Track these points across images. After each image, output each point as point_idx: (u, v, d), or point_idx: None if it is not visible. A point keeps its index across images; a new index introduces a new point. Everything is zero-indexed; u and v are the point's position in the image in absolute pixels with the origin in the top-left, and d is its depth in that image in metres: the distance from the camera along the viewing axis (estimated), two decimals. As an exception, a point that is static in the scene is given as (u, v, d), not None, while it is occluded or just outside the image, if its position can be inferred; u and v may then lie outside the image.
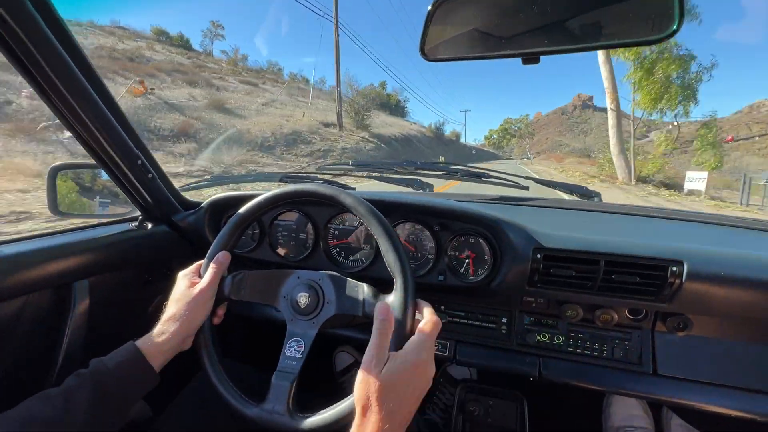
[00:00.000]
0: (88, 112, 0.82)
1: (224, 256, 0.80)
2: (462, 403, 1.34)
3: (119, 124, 0.91)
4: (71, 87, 0.77)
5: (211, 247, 0.82)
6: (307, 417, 0.68)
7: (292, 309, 0.77)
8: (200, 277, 0.79)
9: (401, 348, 0.63)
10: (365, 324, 0.71)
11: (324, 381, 1.65)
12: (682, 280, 0.84)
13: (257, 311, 1.23)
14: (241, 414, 0.72)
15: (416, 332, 0.65)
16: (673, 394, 0.95)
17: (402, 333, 0.65)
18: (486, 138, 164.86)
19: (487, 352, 1.09)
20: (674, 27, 0.49)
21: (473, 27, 0.64)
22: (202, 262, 0.81)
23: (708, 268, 0.83)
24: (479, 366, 1.08)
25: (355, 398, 0.61)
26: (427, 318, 0.67)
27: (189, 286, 0.76)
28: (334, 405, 0.67)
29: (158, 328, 0.72)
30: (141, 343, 0.70)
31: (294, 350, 0.75)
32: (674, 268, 0.84)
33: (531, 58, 0.62)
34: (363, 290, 0.74)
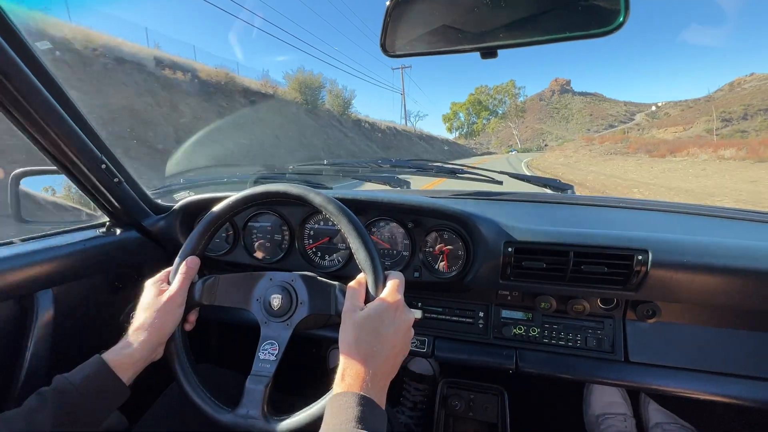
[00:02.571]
0: (43, 115, 0.79)
1: (193, 261, 0.79)
2: (444, 399, 1.35)
3: (79, 127, 0.88)
4: (23, 88, 0.74)
5: (181, 250, 0.80)
6: (282, 419, 0.67)
7: (266, 311, 0.76)
8: (169, 283, 0.77)
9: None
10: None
11: (318, 380, 1.65)
12: (647, 268, 0.86)
13: (232, 315, 1.21)
14: (215, 420, 0.71)
15: (387, 281, 0.69)
16: (645, 380, 0.97)
17: (374, 288, 0.68)
18: (446, 119, 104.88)
19: (465, 347, 1.10)
20: (621, 20, 0.50)
21: (431, 22, 0.64)
22: (171, 268, 0.79)
23: (671, 256, 0.85)
24: (458, 361, 1.09)
25: (340, 350, 0.62)
26: (394, 273, 0.72)
27: (157, 294, 0.74)
28: (310, 405, 0.67)
29: (125, 339, 0.70)
30: (108, 355, 0.67)
31: (268, 353, 0.74)
32: (639, 257, 0.86)
33: (489, 53, 0.62)
34: (335, 289, 0.74)
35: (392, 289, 0.67)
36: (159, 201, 1.23)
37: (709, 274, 0.85)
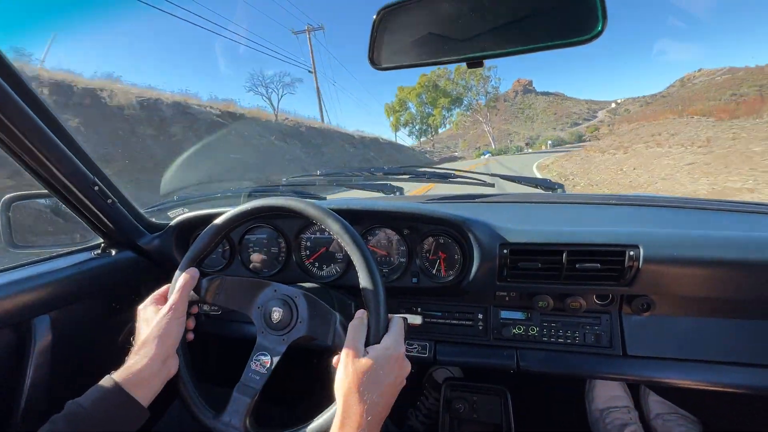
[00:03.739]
0: (33, 139, 0.79)
1: (190, 270, 0.79)
2: (448, 402, 1.36)
3: (70, 150, 0.88)
4: (11, 113, 0.73)
5: (185, 257, 0.80)
6: None
7: (265, 322, 0.77)
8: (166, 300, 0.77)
9: (377, 343, 0.66)
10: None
11: (312, 393, 1.64)
12: (639, 263, 0.87)
13: (230, 329, 1.21)
14: (198, 420, 0.72)
15: (390, 328, 0.69)
16: (643, 372, 0.99)
17: (377, 331, 0.67)
18: (390, 110, 73.84)
19: (466, 350, 1.11)
20: (599, 28, 0.52)
21: (417, 35, 0.66)
22: (165, 287, 0.80)
23: (662, 251, 0.87)
24: (459, 364, 1.10)
25: (336, 393, 0.62)
26: (396, 318, 0.72)
27: (156, 310, 0.74)
28: (296, 429, 0.68)
29: (132, 357, 0.69)
30: (118, 375, 0.66)
31: (260, 365, 0.74)
32: (631, 253, 0.87)
33: (475, 63, 0.64)
34: (336, 319, 0.74)
35: (395, 337, 0.67)
36: (153, 219, 1.23)
37: (700, 266, 0.87)
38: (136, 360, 0.68)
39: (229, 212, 0.80)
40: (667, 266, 0.88)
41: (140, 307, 0.77)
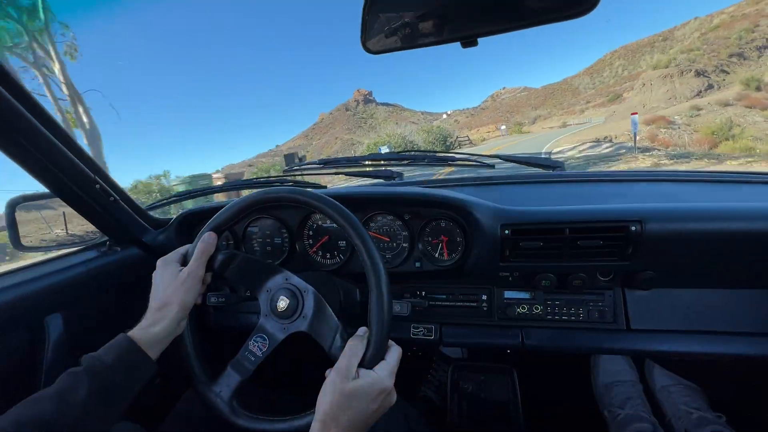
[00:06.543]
0: (32, 141, 0.79)
1: (210, 236, 0.79)
2: (455, 383, 1.39)
3: (69, 150, 0.88)
4: (8, 116, 0.73)
5: (208, 223, 0.81)
6: (249, 416, 0.71)
7: (270, 307, 0.78)
8: (186, 261, 0.78)
9: (371, 369, 0.66)
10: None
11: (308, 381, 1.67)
12: (642, 238, 0.88)
13: (236, 321, 1.22)
14: (193, 382, 0.75)
15: (386, 356, 0.68)
16: (647, 345, 1.00)
17: (374, 355, 0.67)
18: None
19: (471, 331, 1.12)
20: (592, 1, 0.51)
21: (409, 16, 0.65)
22: (185, 247, 0.81)
23: (664, 225, 0.87)
24: (465, 345, 1.11)
25: (317, 406, 0.62)
26: (395, 348, 0.71)
27: (176, 272, 0.75)
28: (279, 420, 0.70)
29: (150, 317, 0.71)
30: (133, 334, 0.68)
31: (258, 347, 0.76)
32: (633, 228, 0.88)
33: (469, 42, 0.63)
34: (338, 330, 0.73)
35: (389, 368, 0.66)
36: (155, 215, 1.23)
37: (701, 238, 0.87)
38: (153, 322, 0.70)
39: (259, 192, 0.80)
40: (669, 240, 0.88)
41: (161, 262, 0.78)
